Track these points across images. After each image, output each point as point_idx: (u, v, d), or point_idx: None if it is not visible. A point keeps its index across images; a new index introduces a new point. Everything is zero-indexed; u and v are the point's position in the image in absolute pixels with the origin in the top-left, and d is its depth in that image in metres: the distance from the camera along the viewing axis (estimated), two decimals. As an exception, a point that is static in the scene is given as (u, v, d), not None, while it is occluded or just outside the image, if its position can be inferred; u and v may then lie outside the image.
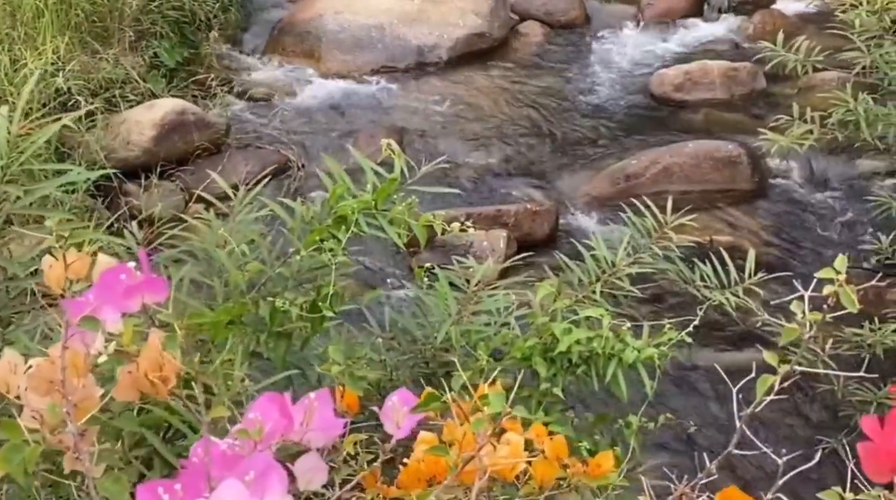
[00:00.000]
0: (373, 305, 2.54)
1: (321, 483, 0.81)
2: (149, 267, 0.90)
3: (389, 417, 0.91)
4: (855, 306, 1.11)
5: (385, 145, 2.11)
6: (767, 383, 1.13)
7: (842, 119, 3.39)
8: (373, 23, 6.00)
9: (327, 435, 0.82)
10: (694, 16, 6.43)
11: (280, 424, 0.78)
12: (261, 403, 0.81)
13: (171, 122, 4.71)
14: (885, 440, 0.75)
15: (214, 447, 0.72)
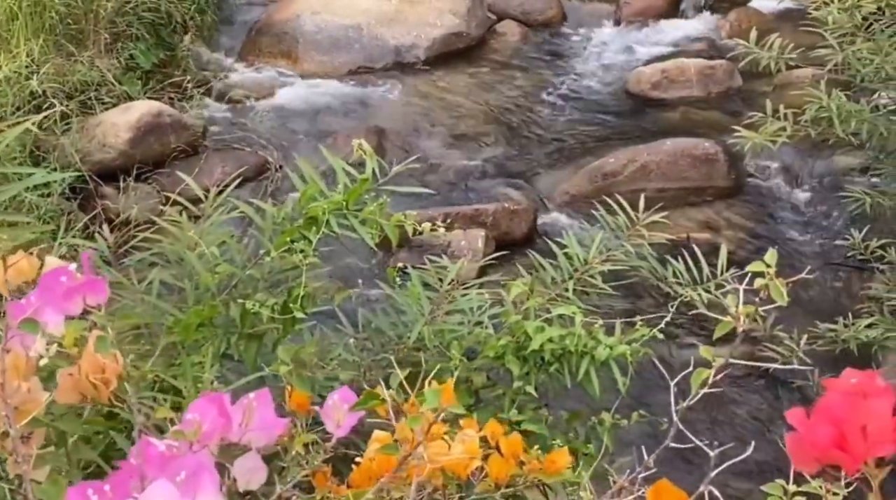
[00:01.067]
0: (348, 305, 2.54)
1: (260, 483, 0.81)
2: (91, 268, 0.89)
3: (330, 416, 0.91)
4: (784, 300, 1.12)
5: (356, 145, 2.11)
6: (702, 376, 1.14)
7: (815, 116, 3.41)
8: (350, 23, 6.00)
9: (268, 435, 0.82)
10: (671, 14, 6.45)
11: (218, 424, 0.78)
12: (199, 403, 0.81)
13: (147, 124, 4.69)
14: (809, 431, 0.76)
15: (152, 448, 0.72)
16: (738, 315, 1.12)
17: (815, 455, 0.76)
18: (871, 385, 0.78)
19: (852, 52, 3.39)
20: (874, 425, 0.75)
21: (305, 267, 1.88)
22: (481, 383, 2.12)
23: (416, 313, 2.18)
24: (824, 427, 0.76)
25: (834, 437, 0.75)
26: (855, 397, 0.76)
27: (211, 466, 0.68)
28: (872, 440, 0.75)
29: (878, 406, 0.76)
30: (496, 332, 2.22)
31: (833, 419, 0.76)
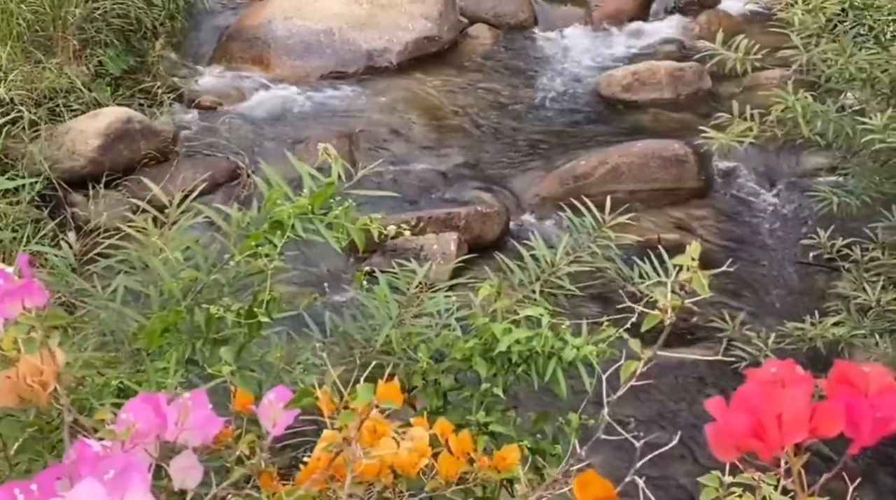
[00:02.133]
0: (317, 309, 2.54)
1: (196, 483, 0.82)
2: (30, 272, 0.89)
3: (266, 414, 0.91)
4: (706, 292, 1.14)
5: (322, 150, 2.12)
6: (630, 368, 1.15)
7: (780, 116, 3.44)
8: (322, 28, 6.00)
9: (204, 434, 0.83)
10: (641, 17, 6.50)
11: (153, 424, 0.78)
12: (134, 403, 0.81)
13: (117, 130, 4.67)
14: (727, 420, 0.77)
15: (87, 449, 0.72)
16: (665, 308, 1.13)
17: (733, 444, 0.77)
18: (790, 374, 0.80)
19: (817, 53, 3.43)
20: (789, 412, 0.77)
21: (271, 271, 1.87)
22: (449, 386, 2.12)
23: (384, 317, 2.18)
24: (741, 416, 0.77)
25: (750, 425, 0.77)
26: (772, 385, 0.78)
27: (140, 465, 0.69)
28: (787, 428, 0.76)
29: (793, 394, 0.77)
30: (464, 334, 2.23)
31: (750, 408, 0.77)
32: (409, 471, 0.99)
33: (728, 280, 4.19)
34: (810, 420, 0.79)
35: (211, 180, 4.79)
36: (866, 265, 3.22)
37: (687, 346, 3.70)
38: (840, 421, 0.80)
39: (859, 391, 0.81)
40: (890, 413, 0.80)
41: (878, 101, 3.52)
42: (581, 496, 0.82)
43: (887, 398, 0.80)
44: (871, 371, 0.83)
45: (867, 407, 0.81)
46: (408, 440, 0.99)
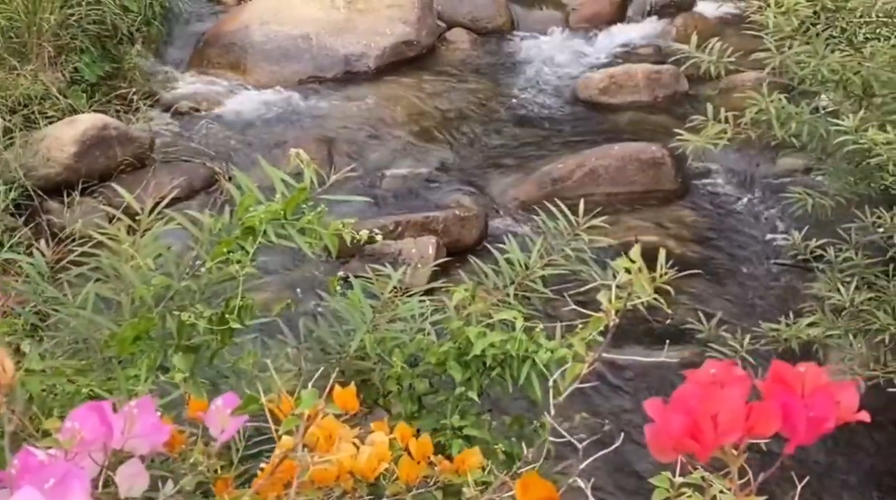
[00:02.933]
0: (293, 315, 2.53)
1: (142, 490, 0.82)
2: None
3: (214, 421, 0.91)
4: (648, 294, 1.14)
5: (294, 155, 2.11)
6: (574, 371, 1.16)
7: (755, 118, 3.45)
8: (299, 33, 5.99)
9: (151, 442, 0.82)
10: (619, 20, 6.52)
11: (99, 432, 0.78)
12: (79, 412, 0.81)
13: (93, 137, 4.65)
14: (665, 421, 0.77)
15: (31, 458, 0.72)
16: (608, 310, 1.14)
17: (670, 444, 0.78)
18: (729, 375, 0.80)
19: (790, 55, 3.45)
20: (725, 413, 0.77)
21: (243, 278, 1.87)
22: (424, 390, 2.12)
23: (358, 322, 2.18)
24: (678, 417, 0.77)
25: (687, 426, 0.77)
26: (710, 386, 0.78)
27: (81, 473, 0.68)
28: (723, 428, 0.77)
29: (729, 395, 0.78)
30: (439, 338, 2.23)
31: (686, 409, 0.77)
32: (367, 476, 0.99)
33: (705, 281, 4.21)
34: (747, 420, 0.79)
35: (188, 186, 4.78)
36: (840, 266, 3.24)
37: (664, 348, 3.72)
38: (776, 421, 0.80)
39: (795, 391, 0.82)
40: (824, 413, 0.80)
41: (851, 102, 3.54)
42: (522, 497, 0.82)
43: (821, 398, 0.80)
44: (806, 371, 0.84)
45: (802, 407, 0.81)
46: (367, 444, 0.99)
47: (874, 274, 3.19)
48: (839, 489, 3.18)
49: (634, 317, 3.59)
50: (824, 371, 0.82)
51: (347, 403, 0.99)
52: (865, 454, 3.23)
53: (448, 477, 1.10)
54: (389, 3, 6.26)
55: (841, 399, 0.80)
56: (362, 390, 2.22)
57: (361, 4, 6.22)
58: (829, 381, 0.82)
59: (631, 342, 3.69)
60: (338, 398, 0.98)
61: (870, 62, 3.45)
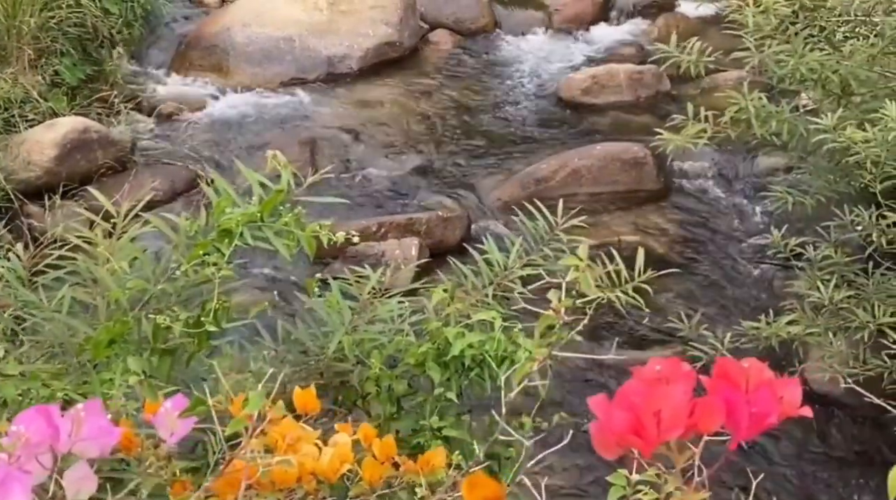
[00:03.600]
0: (274, 317, 2.53)
1: (90, 493, 0.81)
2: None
3: (163, 423, 0.91)
4: (593, 291, 1.15)
5: (270, 157, 2.11)
6: (524, 369, 1.16)
7: (734, 117, 3.47)
8: (282, 35, 5.98)
9: (101, 445, 0.82)
10: (601, 20, 6.54)
11: (46, 435, 0.78)
12: (25, 415, 0.81)
13: (73, 140, 4.63)
14: (609, 418, 0.78)
15: None
16: (558, 309, 1.14)
17: (614, 441, 0.78)
18: (674, 371, 0.80)
19: (769, 54, 3.46)
20: (668, 409, 0.77)
21: (220, 280, 1.86)
22: (402, 391, 2.12)
23: (337, 324, 2.17)
24: (622, 413, 0.77)
25: (630, 422, 0.77)
26: (654, 383, 0.78)
27: (24, 476, 0.68)
28: (666, 425, 0.77)
29: (672, 391, 0.78)
30: (418, 339, 2.22)
31: (630, 406, 0.77)
32: (330, 477, 0.99)
33: (688, 280, 4.23)
34: (690, 416, 0.79)
35: (170, 189, 4.76)
36: (820, 264, 3.26)
37: (646, 347, 3.73)
38: (719, 416, 0.81)
39: (738, 387, 0.82)
40: (766, 408, 0.81)
41: (830, 101, 3.56)
42: (469, 496, 0.82)
43: (764, 394, 0.81)
44: (750, 367, 0.84)
45: (744, 402, 0.81)
46: (330, 445, 0.99)
47: (853, 272, 3.21)
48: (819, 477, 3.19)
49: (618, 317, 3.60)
50: (767, 367, 0.82)
51: (307, 404, 0.98)
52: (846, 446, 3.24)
53: (412, 478, 1.10)
54: (372, 5, 6.25)
55: (784, 395, 0.81)
56: (341, 392, 2.22)
57: (344, 6, 6.21)
58: (772, 377, 0.82)
59: (614, 342, 3.69)
60: (298, 399, 0.98)
61: (848, 61, 3.47)
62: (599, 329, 3.86)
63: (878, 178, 3.10)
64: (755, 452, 3.14)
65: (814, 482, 3.17)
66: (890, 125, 3.01)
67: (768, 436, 3.20)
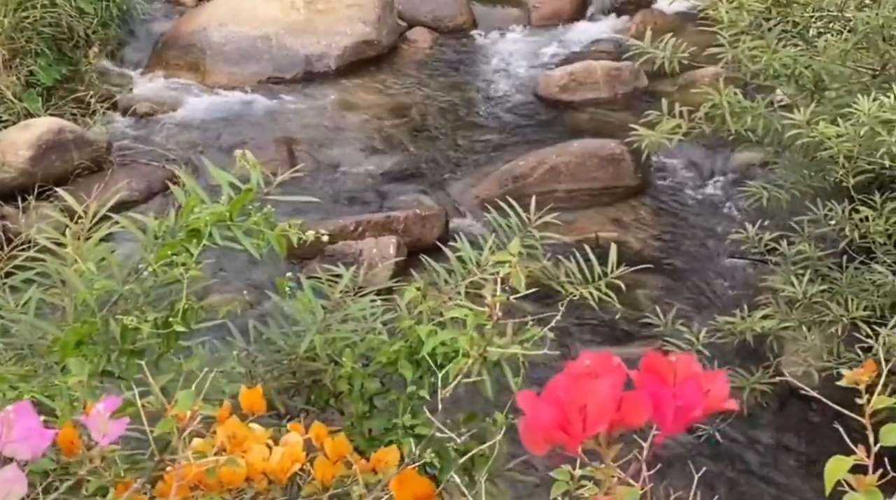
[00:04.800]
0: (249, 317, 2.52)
1: (20, 495, 0.81)
2: None
3: (95, 425, 0.90)
4: (522, 287, 1.15)
5: (240, 156, 2.10)
6: (458, 365, 1.16)
7: (709, 113, 3.48)
8: (258, 34, 5.96)
9: (32, 447, 0.81)
10: (579, 17, 6.54)
11: None
12: None
13: (48, 141, 4.60)
14: (536, 414, 0.78)
15: None
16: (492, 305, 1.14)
17: (541, 437, 0.78)
18: (603, 366, 0.80)
19: (742, 50, 3.47)
20: (593, 404, 0.77)
21: (190, 280, 1.85)
22: (375, 390, 2.11)
23: (309, 323, 2.17)
24: (548, 409, 0.77)
25: (556, 418, 0.77)
26: (582, 378, 0.78)
27: None
28: (591, 419, 0.77)
29: (598, 386, 0.78)
30: (391, 338, 2.22)
31: (556, 401, 0.77)
32: (280, 477, 0.99)
33: (665, 276, 4.24)
34: (618, 410, 0.80)
35: (146, 189, 4.74)
36: (793, 258, 3.27)
37: (623, 342, 3.74)
38: (646, 410, 0.81)
39: (665, 381, 0.82)
40: (692, 402, 0.81)
41: (803, 96, 3.58)
42: (398, 494, 0.82)
43: (690, 387, 0.81)
44: (678, 361, 0.84)
45: (671, 396, 0.81)
46: (282, 445, 0.99)
47: (827, 266, 3.22)
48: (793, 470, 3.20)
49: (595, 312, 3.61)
50: (695, 361, 0.83)
51: (254, 404, 0.98)
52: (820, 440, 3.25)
53: (365, 477, 1.09)
54: (349, 3, 6.24)
55: (711, 388, 0.81)
56: (314, 391, 2.21)
57: (321, 4, 6.20)
58: (699, 371, 0.82)
59: (591, 337, 3.70)
60: (244, 400, 0.97)
61: (821, 56, 3.49)
62: (576, 325, 3.86)
63: (850, 172, 3.11)
64: (729, 446, 3.15)
65: (787, 475, 3.19)
66: (862, 120, 3.03)
67: (744, 429, 3.22)
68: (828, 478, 0.82)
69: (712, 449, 3.16)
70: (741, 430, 3.11)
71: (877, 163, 3.03)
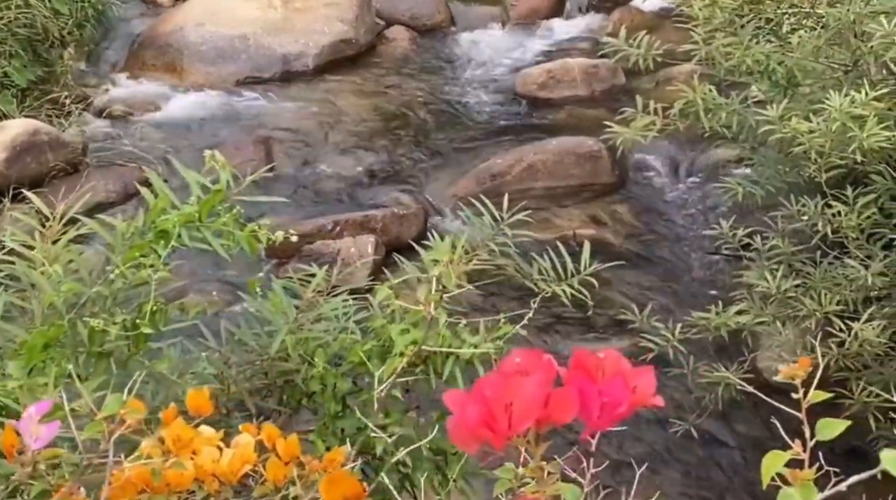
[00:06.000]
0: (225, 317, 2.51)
1: None
2: None
3: (26, 429, 0.90)
4: (453, 285, 1.15)
5: (208, 157, 2.10)
6: (392, 365, 1.16)
7: (683, 110, 3.49)
8: (236, 33, 5.94)
9: None
10: (556, 15, 6.56)
11: None
12: None
13: (23, 143, 4.57)
14: (463, 413, 0.78)
15: None
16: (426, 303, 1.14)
17: (469, 435, 0.78)
18: (534, 363, 0.81)
19: (716, 47, 3.48)
20: (519, 401, 0.77)
21: (156, 282, 1.85)
22: (347, 389, 2.11)
23: (280, 323, 2.16)
24: (474, 407, 0.78)
25: (483, 416, 0.77)
26: (511, 375, 0.79)
27: None
28: (517, 417, 0.77)
29: (523, 383, 0.78)
30: (364, 337, 2.22)
31: (483, 399, 0.78)
32: (230, 478, 0.99)
33: (642, 272, 4.25)
34: (546, 407, 0.80)
35: (123, 191, 4.72)
36: (767, 254, 3.28)
37: (599, 338, 3.75)
38: (573, 407, 0.81)
39: (592, 377, 0.82)
40: (617, 398, 0.81)
41: (778, 92, 3.59)
42: (327, 495, 0.82)
43: (616, 384, 0.81)
44: (605, 357, 0.85)
45: (596, 393, 0.82)
46: (233, 446, 0.99)
47: (801, 261, 3.24)
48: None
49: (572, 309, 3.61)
50: (622, 357, 0.83)
51: (200, 406, 0.98)
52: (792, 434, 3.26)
53: (317, 478, 1.09)
54: (327, 2, 6.23)
55: (638, 384, 0.81)
56: (286, 391, 2.21)
57: (299, 3, 6.19)
58: (627, 367, 0.82)
59: (568, 334, 3.71)
60: (190, 402, 0.97)
61: (794, 52, 3.50)
62: (554, 322, 3.87)
63: (822, 168, 3.13)
64: (704, 441, 3.17)
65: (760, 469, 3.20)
66: (833, 116, 3.04)
67: (720, 424, 3.23)
68: (764, 472, 0.82)
69: (687, 444, 3.18)
70: (717, 425, 3.12)
71: (849, 158, 3.04)
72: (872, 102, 3.05)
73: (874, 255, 3.11)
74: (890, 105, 3.23)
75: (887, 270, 3.05)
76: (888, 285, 3.07)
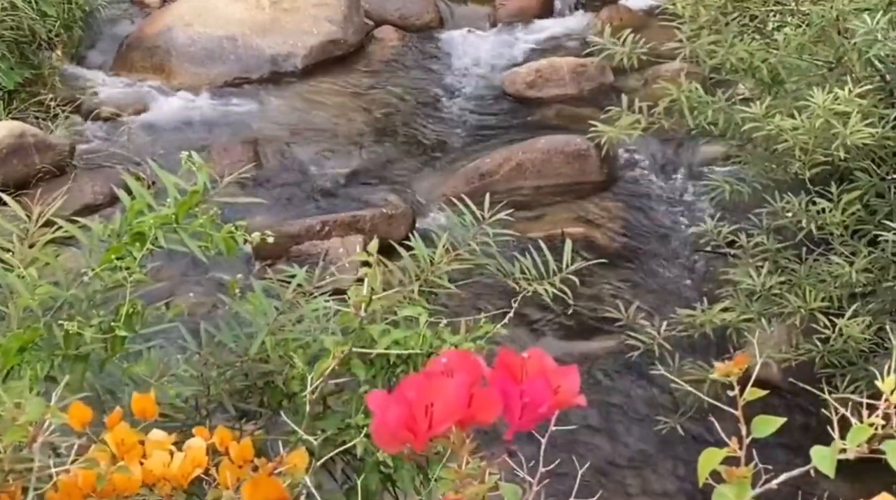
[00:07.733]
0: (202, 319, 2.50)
1: None
2: None
3: None
4: (377, 284, 1.15)
5: (185, 158, 2.09)
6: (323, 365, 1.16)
7: (668, 107, 3.49)
8: (224, 34, 5.93)
9: None
10: (545, 14, 6.56)
11: None
12: None
13: (9, 145, 4.56)
14: (384, 414, 0.78)
15: None
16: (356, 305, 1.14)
17: (390, 436, 0.78)
18: (460, 363, 0.80)
19: (700, 45, 3.48)
20: (440, 402, 0.77)
21: (131, 284, 1.84)
22: (328, 390, 2.11)
23: (261, 324, 2.16)
24: (396, 408, 0.77)
25: (403, 417, 0.77)
26: (434, 376, 0.78)
27: None
28: (437, 418, 0.77)
29: (445, 384, 0.78)
30: (345, 337, 2.21)
31: (404, 400, 0.78)
32: (181, 482, 0.98)
33: (629, 270, 4.25)
34: (469, 408, 0.80)
35: (110, 193, 4.70)
36: (752, 251, 3.29)
37: (586, 336, 3.75)
38: (496, 407, 0.81)
39: (515, 377, 0.82)
40: (539, 398, 0.81)
41: (763, 90, 3.60)
42: (251, 497, 0.82)
43: (537, 384, 0.81)
44: (529, 357, 0.84)
45: (518, 393, 0.81)
46: (185, 450, 0.98)
47: (786, 258, 3.24)
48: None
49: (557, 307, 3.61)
50: (547, 356, 0.83)
51: (145, 410, 0.98)
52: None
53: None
54: (315, 2, 6.22)
55: (561, 384, 0.81)
56: (267, 393, 2.21)
57: (287, 4, 6.18)
58: (551, 367, 0.82)
59: (554, 332, 3.71)
60: (135, 405, 0.97)
61: (778, 50, 3.51)
62: (539, 319, 3.87)
63: (807, 164, 3.13)
64: (689, 438, 3.16)
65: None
66: (817, 113, 3.05)
67: (704, 422, 3.23)
68: (700, 470, 0.82)
69: (672, 441, 3.18)
70: (702, 423, 3.12)
71: (833, 155, 3.05)
72: (856, 99, 3.05)
73: (858, 251, 3.11)
74: (874, 102, 3.24)
75: (871, 266, 3.06)
76: (872, 281, 3.08)
